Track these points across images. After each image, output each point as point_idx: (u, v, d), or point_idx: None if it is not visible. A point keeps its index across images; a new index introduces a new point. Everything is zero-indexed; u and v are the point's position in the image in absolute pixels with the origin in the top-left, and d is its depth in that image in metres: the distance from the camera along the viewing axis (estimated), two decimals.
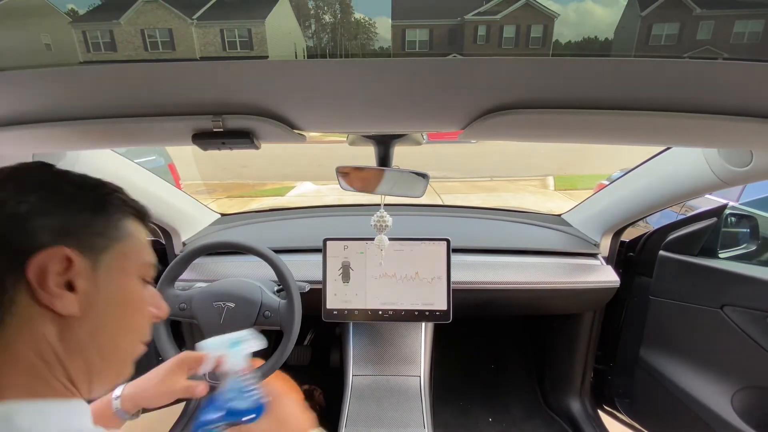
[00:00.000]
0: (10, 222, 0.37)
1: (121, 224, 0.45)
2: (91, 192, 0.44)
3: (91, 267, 0.41)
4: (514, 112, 0.52)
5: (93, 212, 0.42)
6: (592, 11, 0.39)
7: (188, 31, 0.41)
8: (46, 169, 0.43)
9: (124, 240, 0.45)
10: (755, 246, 1.31)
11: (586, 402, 1.59)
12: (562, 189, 7.27)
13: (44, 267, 0.37)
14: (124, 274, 0.45)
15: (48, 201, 0.39)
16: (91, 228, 0.42)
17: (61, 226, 0.39)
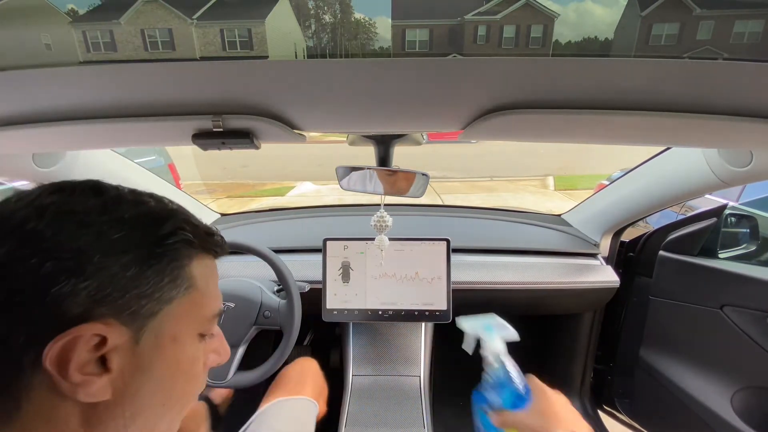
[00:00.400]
0: (31, 284, 0.28)
1: (181, 274, 0.35)
2: (145, 234, 0.34)
3: (132, 338, 0.32)
4: (514, 112, 0.52)
5: (143, 266, 0.32)
6: (592, 11, 0.39)
7: (188, 31, 0.41)
8: (93, 205, 0.33)
9: (180, 297, 0.35)
10: (755, 246, 1.31)
11: (586, 402, 1.59)
12: (562, 189, 7.27)
13: (66, 353, 0.29)
14: (176, 340, 0.35)
15: (87, 255, 0.30)
16: (139, 289, 0.32)
17: (98, 291, 0.30)
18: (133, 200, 0.35)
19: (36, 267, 0.28)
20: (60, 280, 0.29)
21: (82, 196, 0.33)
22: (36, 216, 0.30)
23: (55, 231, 0.30)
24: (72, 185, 0.34)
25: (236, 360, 1.01)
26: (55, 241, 0.29)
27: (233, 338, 1.00)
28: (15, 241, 0.29)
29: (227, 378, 0.99)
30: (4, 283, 0.28)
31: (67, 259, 0.29)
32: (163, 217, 0.36)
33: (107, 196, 0.34)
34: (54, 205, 0.31)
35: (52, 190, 0.33)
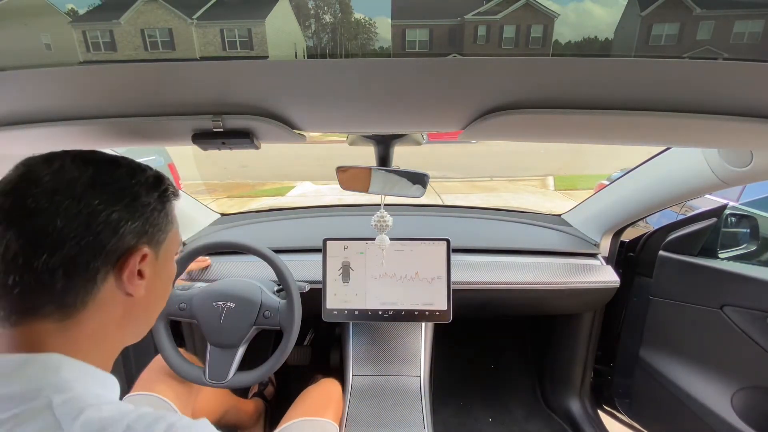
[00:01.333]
0: (105, 229, 0.42)
1: (172, 215, 0.53)
2: (157, 192, 0.49)
3: (155, 257, 0.49)
4: (514, 112, 0.52)
5: (159, 211, 0.49)
6: (592, 11, 0.39)
7: (188, 31, 0.41)
8: (121, 173, 0.47)
9: (172, 229, 0.53)
10: (755, 246, 1.31)
11: (586, 402, 1.59)
12: (562, 189, 7.27)
13: (132, 265, 0.45)
14: (170, 257, 0.54)
15: (131, 208, 0.45)
16: (158, 226, 0.49)
17: (141, 228, 0.46)
18: (141, 168, 0.49)
19: (109, 215, 0.43)
20: (121, 223, 0.44)
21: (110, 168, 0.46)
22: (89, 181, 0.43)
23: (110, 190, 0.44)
24: (96, 159, 0.46)
25: (236, 360, 1.01)
26: (112, 202, 0.43)
27: (233, 338, 1.00)
28: (88, 198, 0.42)
29: (227, 378, 0.99)
30: (90, 228, 0.41)
31: (122, 212, 0.44)
32: (161, 178, 0.51)
33: (127, 166, 0.48)
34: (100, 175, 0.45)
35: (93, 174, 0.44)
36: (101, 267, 0.43)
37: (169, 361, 1.01)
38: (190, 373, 1.00)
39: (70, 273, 0.41)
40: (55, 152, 0.47)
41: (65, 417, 0.37)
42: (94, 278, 0.43)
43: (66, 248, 0.40)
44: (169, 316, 1.04)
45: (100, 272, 0.43)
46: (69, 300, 0.42)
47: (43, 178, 0.42)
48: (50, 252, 0.40)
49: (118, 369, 1.36)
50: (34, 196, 0.41)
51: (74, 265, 0.41)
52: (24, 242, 0.39)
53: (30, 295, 0.40)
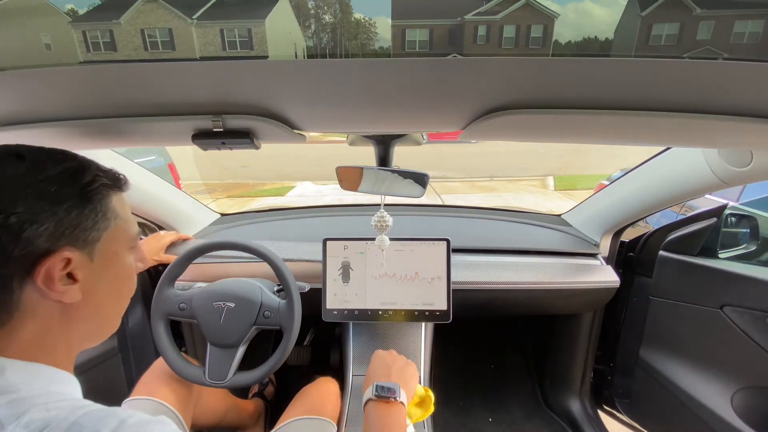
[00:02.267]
0: (4, 234, 0.39)
1: (107, 209, 0.47)
2: (74, 185, 0.44)
3: (88, 258, 0.45)
4: (514, 112, 0.52)
5: (80, 208, 0.44)
6: (592, 11, 0.39)
7: (188, 30, 0.41)
8: (22, 169, 0.42)
9: (111, 225, 0.48)
10: (755, 246, 1.31)
11: (586, 402, 1.59)
12: (562, 189, 7.27)
13: (49, 272, 0.41)
14: (116, 255, 0.49)
15: (35, 208, 0.40)
16: (83, 225, 0.44)
17: (55, 229, 0.41)
18: (52, 159, 0.44)
19: (3, 221, 0.38)
20: (24, 227, 0.39)
21: (12, 163, 0.42)
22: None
23: (7, 194, 0.40)
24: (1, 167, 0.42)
25: (236, 360, 1.01)
26: (10, 204, 0.39)
27: (233, 338, 1.00)
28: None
29: (227, 378, 0.99)
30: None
31: (23, 213, 0.39)
32: (81, 169, 0.46)
33: (32, 161, 0.43)
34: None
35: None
36: (13, 275, 0.40)
37: (168, 361, 1.01)
38: (190, 373, 1.00)
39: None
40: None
41: (8, 418, 0.37)
42: (9, 287, 0.40)
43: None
44: (169, 316, 1.04)
45: (14, 281, 0.40)
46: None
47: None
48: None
49: (118, 372, 1.36)
50: None
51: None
52: None
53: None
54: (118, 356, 1.36)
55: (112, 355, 1.35)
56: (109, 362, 1.34)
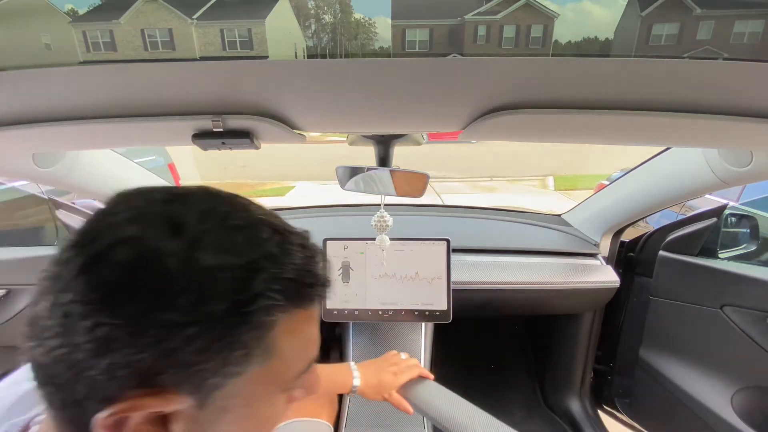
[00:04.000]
0: (88, 349, 0.25)
1: (261, 345, 0.29)
2: (225, 297, 0.27)
3: (196, 405, 0.28)
4: (514, 112, 0.52)
5: (211, 340, 0.27)
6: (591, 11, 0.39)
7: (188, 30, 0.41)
8: (171, 241, 0.27)
9: (257, 367, 0.30)
10: (755, 246, 1.31)
11: (586, 402, 1.59)
12: (562, 189, 7.27)
13: (123, 417, 0.27)
14: (249, 405, 0.31)
15: (143, 325, 0.26)
16: (203, 365, 0.27)
17: (154, 365, 0.26)
18: (216, 243, 0.28)
19: (92, 326, 0.25)
20: (113, 346, 0.25)
21: (156, 236, 0.27)
22: (102, 258, 0.26)
23: (114, 284, 0.26)
24: (152, 215, 0.28)
25: None
26: (109, 297, 0.26)
27: None
28: (81, 285, 0.26)
29: None
30: (74, 327, 0.25)
31: (119, 326, 0.25)
32: (254, 269, 0.28)
33: (186, 239, 0.27)
34: (125, 247, 0.26)
35: (134, 219, 0.28)
36: (87, 398, 0.27)
37: None
38: None
39: (47, 377, 0.28)
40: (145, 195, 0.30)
41: None
42: (82, 405, 0.27)
43: (43, 345, 0.27)
44: None
45: (89, 402, 0.27)
46: (68, 422, 0.29)
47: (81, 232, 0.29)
48: (32, 339, 0.29)
49: None
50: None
51: (52, 371, 0.27)
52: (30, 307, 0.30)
53: (43, 399, 0.29)
54: None
55: None
56: None
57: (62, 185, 0.97)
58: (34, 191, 2.42)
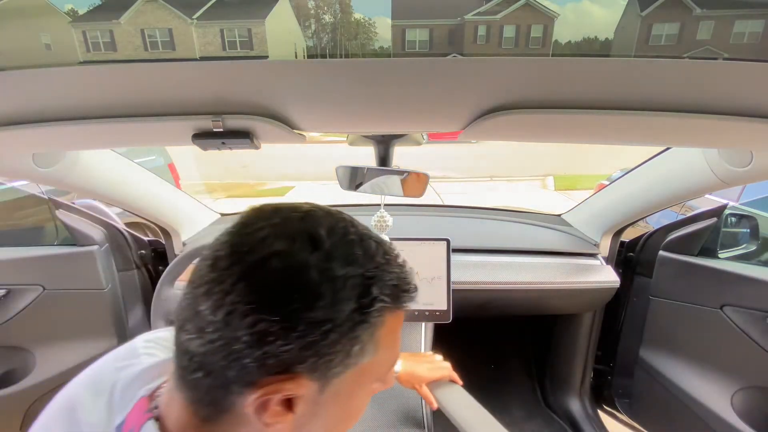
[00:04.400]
0: (247, 340, 0.32)
1: (372, 340, 0.36)
2: (351, 301, 0.34)
3: (317, 391, 0.35)
4: (514, 112, 0.52)
5: (341, 335, 0.34)
6: (591, 11, 0.39)
7: (188, 30, 0.41)
8: (313, 259, 0.33)
9: (366, 360, 0.37)
10: (755, 246, 1.31)
11: (586, 402, 1.59)
12: (562, 189, 7.27)
13: (267, 399, 0.33)
14: (352, 395, 0.39)
15: (294, 320, 0.32)
16: (332, 355, 0.34)
17: (299, 353, 0.32)
18: (344, 256, 0.35)
19: (253, 323, 0.31)
20: (268, 340, 0.32)
21: (301, 250, 0.33)
22: (260, 267, 0.32)
23: (273, 288, 0.32)
24: (294, 232, 0.34)
25: None
26: (270, 299, 0.32)
27: None
28: (242, 290, 0.32)
29: None
30: (232, 324, 0.32)
31: (276, 323, 0.32)
32: (371, 278, 0.35)
33: (323, 252, 0.34)
34: (277, 258, 0.33)
35: (279, 235, 0.34)
36: (234, 378, 0.33)
37: None
38: None
39: (204, 366, 0.34)
40: (276, 207, 0.37)
41: None
42: (227, 387, 0.34)
43: (205, 338, 0.33)
44: (169, 317, 1.04)
45: (234, 383, 0.33)
46: (205, 398, 0.35)
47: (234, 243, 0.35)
48: (192, 334, 0.34)
49: None
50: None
51: (209, 361, 0.33)
52: (186, 307, 0.35)
53: (180, 370, 0.36)
54: None
55: None
56: None
57: (62, 185, 0.97)
58: (34, 191, 2.42)
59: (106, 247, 1.29)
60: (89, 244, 1.24)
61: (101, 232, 1.28)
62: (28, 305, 1.24)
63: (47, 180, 0.91)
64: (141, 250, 1.40)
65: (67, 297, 1.26)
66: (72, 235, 1.25)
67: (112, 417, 0.39)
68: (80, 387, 0.43)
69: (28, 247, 1.28)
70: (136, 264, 1.40)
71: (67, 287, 1.26)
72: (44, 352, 1.29)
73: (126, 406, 0.40)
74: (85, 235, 1.24)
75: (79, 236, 1.25)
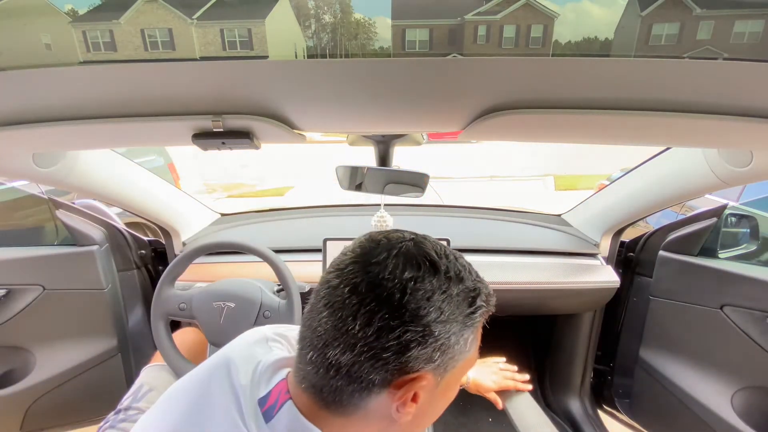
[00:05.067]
0: (393, 346, 0.40)
1: (474, 339, 0.46)
2: (464, 310, 0.43)
3: (436, 383, 0.44)
4: (514, 112, 0.52)
5: (459, 336, 0.43)
6: (590, 11, 0.39)
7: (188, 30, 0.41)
8: (435, 284, 0.41)
9: (469, 354, 0.46)
10: (755, 246, 1.31)
11: (586, 402, 1.59)
12: (562, 189, 7.27)
13: (408, 390, 0.42)
14: (455, 383, 0.48)
15: (428, 329, 0.40)
16: (451, 353, 0.43)
17: (432, 354, 0.41)
18: (457, 275, 0.43)
19: (400, 335, 0.39)
20: (411, 347, 0.40)
21: (428, 274, 0.42)
22: (400, 291, 0.40)
23: (414, 306, 0.40)
24: (417, 259, 0.42)
25: None
26: (412, 315, 0.40)
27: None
28: (387, 310, 0.40)
29: None
30: (380, 339, 0.40)
31: (419, 332, 0.40)
32: (475, 291, 0.44)
33: (442, 274, 0.42)
34: (412, 282, 0.40)
35: (406, 263, 0.42)
36: (378, 381, 0.41)
37: (168, 361, 1.01)
38: None
39: (351, 374, 0.41)
40: (387, 236, 0.45)
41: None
42: (369, 389, 0.41)
43: (355, 351, 0.40)
44: (169, 316, 1.04)
45: (376, 386, 0.41)
46: (344, 398, 0.42)
47: (370, 272, 0.41)
48: (342, 349, 0.40)
49: (118, 372, 1.36)
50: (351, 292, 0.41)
51: (356, 370, 0.41)
52: (331, 329, 0.41)
53: (317, 377, 0.43)
54: (118, 356, 1.36)
55: (112, 355, 1.35)
56: (109, 362, 1.34)
57: (62, 185, 0.97)
58: (34, 191, 2.42)
59: (106, 247, 1.29)
60: (89, 244, 1.24)
61: (101, 232, 1.28)
62: (28, 305, 1.24)
63: (47, 180, 0.91)
64: (141, 250, 1.40)
65: (67, 297, 1.26)
66: (72, 235, 1.25)
67: (255, 388, 0.47)
68: (234, 353, 0.52)
69: (28, 247, 1.28)
70: (136, 264, 1.40)
71: (67, 287, 1.26)
72: (44, 352, 1.29)
73: (269, 383, 0.47)
74: (85, 235, 1.24)
75: (79, 236, 1.25)
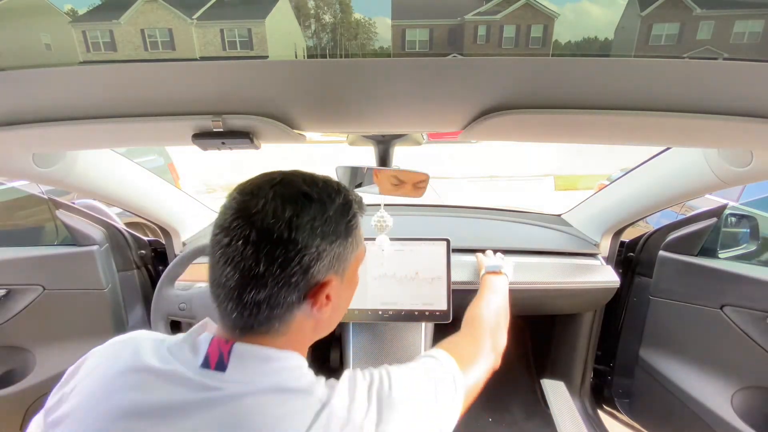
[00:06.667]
0: (298, 271, 0.47)
1: (358, 236, 0.54)
2: (343, 221, 0.51)
3: (341, 281, 0.53)
4: (514, 112, 0.52)
5: (345, 241, 0.51)
6: (590, 11, 0.39)
7: (188, 30, 0.41)
8: (312, 212, 0.48)
9: (357, 250, 0.55)
10: (755, 246, 1.31)
11: (586, 402, 1.59)
12: (562, 189, 7.27)
13: (321, 296, 0.50)
14: (354, 274, 0.58)
15: (320, 247, 0.48)
16: (344, 255, 0.51)
17: (329, 263, 0.50)
18: (329, 197, 0.50)
19: (299, 260, 0.47)
20: (312, 265, 0.48)
21: (305, 206, 0.48)
22: (287, 229, 0.46)
23: (303, 236, 0.47)
24: (292, 196, 0.48)
25: None
26: (304, 243, 0.47)
27: None
28: (282, 247, 0.46)
29: None
30: (285, 270, 0.46)
31: (313, 253, 0.47)
32: (347, 203, 0.52)
33: (317, 201, 0.49)
34: (295, 218, 0.47)
35: (284, 203, 0.47)
36: (295, 301, 0.49)
37: None
38: None
39: (271, 305, 0.48)
40: (257, 184, 0.50)
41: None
42: (291, 308, 0.49)
43: (268, 287, 0.46)
44: (169, 317, 1.04)
45: (295, 303, 0.49)
46: (274, 324, 0.50)
47: (255, 222, 0.46)
48: (257, 290, 0.46)
49: None
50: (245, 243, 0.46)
51: (274, 300, 0.48)
52: (239, 279, 0.47)
53: (244, 319, 0.49)
54: None
55: None
56: None
57: (62, 185, 0.97)
58: (34, 191, 2.42)
59: (106, 247, 1.29)
60: (89, 244, 1.24)
61: (101, 232, 1.28)
62: (28, 305, 1.24)
63: (47, 180, 0.91)
64: (141, 250, 1.40)
65: (67, 297, 1.26)
66: (72, 235, 1.25)
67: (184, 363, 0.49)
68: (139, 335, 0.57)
69: (28, 247, 1.28)
70: (136, 264, 1.40)
71: (67, 287, 1.26)
72: (44, 352, 1.29)
73: (198, 351, 0.50)
74: (85, 235, 1.24)
75: (79, 236, 1.25)
